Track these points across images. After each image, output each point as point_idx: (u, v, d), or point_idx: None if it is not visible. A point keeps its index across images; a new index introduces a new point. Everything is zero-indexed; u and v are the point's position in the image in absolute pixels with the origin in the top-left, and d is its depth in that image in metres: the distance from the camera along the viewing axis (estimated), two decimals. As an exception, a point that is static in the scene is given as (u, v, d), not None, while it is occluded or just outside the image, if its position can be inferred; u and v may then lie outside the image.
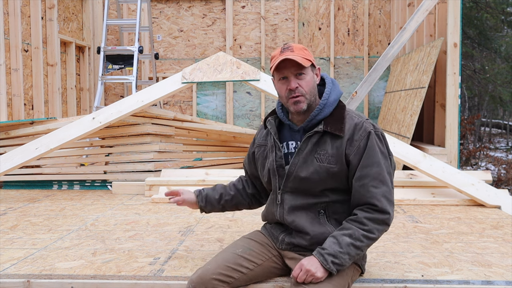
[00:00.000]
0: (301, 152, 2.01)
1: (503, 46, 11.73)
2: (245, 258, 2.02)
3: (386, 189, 1.93)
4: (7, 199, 4.38)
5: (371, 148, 1.95)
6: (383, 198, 1.91)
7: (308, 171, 1.98)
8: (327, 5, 8.09)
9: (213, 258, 2.03)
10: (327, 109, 2.01)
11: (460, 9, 5.22)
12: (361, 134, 1.96)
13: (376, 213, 1.90)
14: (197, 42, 8.26)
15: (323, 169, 1.97)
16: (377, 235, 1.91)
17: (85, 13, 7.89)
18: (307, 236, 1.99)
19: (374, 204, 1.91)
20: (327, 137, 1.99)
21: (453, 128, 5.23)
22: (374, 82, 5.08)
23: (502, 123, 18.17)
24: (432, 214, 3.67)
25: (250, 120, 8.19)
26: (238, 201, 2.38)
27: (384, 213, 1.91)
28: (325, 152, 1.97)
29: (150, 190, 4.42)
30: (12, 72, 5.97)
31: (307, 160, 1.99)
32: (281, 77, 2.00)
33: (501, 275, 2.26)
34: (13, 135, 5.01)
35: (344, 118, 2.00)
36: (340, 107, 2.04)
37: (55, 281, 2.23)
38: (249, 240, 2.14)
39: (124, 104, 4.56)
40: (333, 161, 1.96)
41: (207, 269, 1.94)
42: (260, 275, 2.06)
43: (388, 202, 1.92)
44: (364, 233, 1.88)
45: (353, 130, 1.97)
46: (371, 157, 1.94)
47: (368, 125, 1.99)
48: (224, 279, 1.92)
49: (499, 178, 9.27)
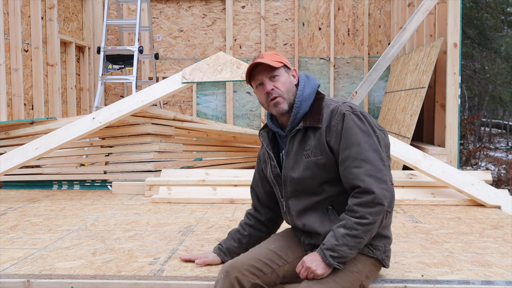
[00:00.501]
0: (290, 154, 2.02)
1: (503, 46, 11.73)
2: (277, 254, 2.03)
3: (370, 167, 1.85)
4: (7, 199, 4.38)
5: (348, 129, 1.91)
6: (366, 176, 1.84)
7: (299, 170, 1.98)
8: (327, 5, 8.09)
9: (246, 252, 2.06)
10: (305, 104, 2.00)
11: (460, 9, 5.22)
12: (337, 118, 1.94)
13: (362, 196, 1.84)
14: (197, 42, 8.26)
15: (312, 163, 1.96)
16: (372, 218, 1.83)
17: (85, 13, 7.89)
18: (320, 236, 1.98)
19: (358, 186, 1.85)
20: (310, 132, 1.98)
21: (453, 128, 5.23)
22: (374, 82, 5.08)
23: (502, 123, 18.17)
24: (432, 214, 3.67)
25: (250, 120, 8.19)
26: (257, 237, 2.28)
27: (368, 193, 1.83)
28: (309, 147, 1.97)
29: (150, 190, 4.42)
30: (12, 72, 5.97)
31: (297, 160, 1.99)
32: (257, 84, 2.02)
33: (501, 275, 2.26)
34: (13, 135, 5.01)
35: (321, 109, 1.99)
36: (318, 99, 2.03)
37: (55, 281, 2.23)
38: (281, 238, 2.15)
39: (124, 104, 4.56)
40: (318, 153, 1.95)
41: (239, 259, 1.97)
42: (289, 273, 2.04)
43: (374, 180, 1.83)
44: (356, 220, 1.83)
45: (330, 117, 1.95)
46: (349, 137, 1.90)
47: (343, 107, 1.96)
48: (254, 272, 1.93)
49: (499, 178, 9.27)
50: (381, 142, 1.95)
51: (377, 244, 2.00)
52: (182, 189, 4.32)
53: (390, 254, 2.10)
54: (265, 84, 1.99)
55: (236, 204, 4.09)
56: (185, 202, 4.16)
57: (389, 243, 2.07)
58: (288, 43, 8.17)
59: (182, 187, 4.33)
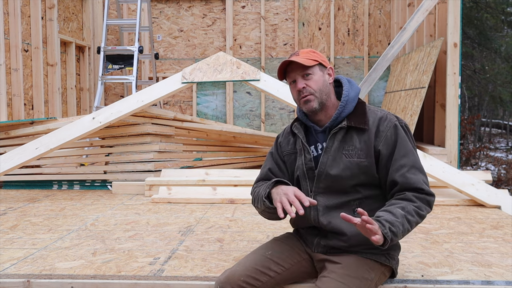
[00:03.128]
0: (329, 150, 2.01)
1: (503, 46, 11.73)
2: (274, 261, 2.01)
3: (424, 177, 1.96)
4: (7, 199, 4.38)
5: (403, 139, 1.98)
6: (424, 183, 1.94)
7: (338, 168, 1.98)
8: (327, 5, 8.09)
9: (242, 259, 2.03)
10: (350, 105, 2.03)
11: (460, 9, 5.22)
12: (387, 125, 1.98)
13: (423, 194, 1.91)
14: (197, 42, 8.26)
15: (354, 164, 1.97)
16: (425, 213, 1.90)
17: (85, 13, 7.89)
18: (344, 236, 1.97)
19: (420, 188, 1.92)
20: (353, 132, 2.00)
21: (453, 128, 5.23)
22: (374, 82, 5.08)
23: (502, 123, 18.17)
24: (432, 214, 3.66)
25: (250, 120, 8.19)
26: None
27: (430, 195, 1.93)
28: (353, 147, 1.98)
29: (150, 190, 4.42)
30: (12, 72, 5.97)
31: (336, 158, 1.99)
32: (291, 81, 2.05)
33: (501, 275, 2.26)
34: (13, 135, 5.01)
35: (366, 112, 2.03)
36: (360, 103, 2.07)
37: (55, 281, 2.23)
38: (280, 243, 2.12)
39: (124, 104, 4.56)
40: (362, 155, 1.97)
41: (235, 270, 1.94)
42: (287, 279, 2.04)
43: (428, 186, 1.95)
44: (415, 208, 1.87)
45: (378, 122, 1.99)
46: (404, 147, 1.97)
47: (392, 117, 2.02)
48: (252, 282, 1.91)
49: (499, 178, 9.27)
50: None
51: (393, 254, 2.04)
52: (182, 189, 4.32)
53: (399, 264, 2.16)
54: (297, 82, 2.02)
55: (236, 204, 4.09)
56: (185, 202, 4.16)
57: (399, 253, 2.13)
58: (288, 43, 8.17)
59: (182, 187, 4.34)
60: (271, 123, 8.18)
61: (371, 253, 1.96)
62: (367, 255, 1.96)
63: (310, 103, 2.00)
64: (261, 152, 5.78)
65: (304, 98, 2.00)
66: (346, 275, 1.87)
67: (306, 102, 2.00)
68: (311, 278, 2.11)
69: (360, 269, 1.90)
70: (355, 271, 1.89)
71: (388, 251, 1.99)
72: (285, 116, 8.16)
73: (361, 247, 1.95)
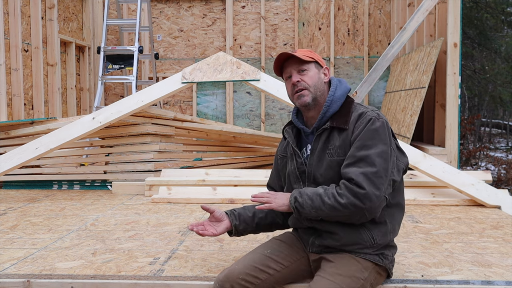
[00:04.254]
0: (314, 151, 2.02)
1: (503, 46, 11.73)
2: (273, 259, 2.01)
3: (371, 169, 1.85)
4: (7, 199, 4.38)
5: (369, 132, 1.92)
6: (362, 175, 1.84)
7: (323, 168, 1.99)
8: (327, 5, 8.09)
9: (241, 258, 2.04)
10: (335, 105, 2.03)
11: (460, 9, 5.22)
12: (362, 121, 1.95)
13: (353, 185, 1.85)
14: (197, 42, 8.26)
15: (334, 163, 1.97)
16: (345, 202, 1.83)
17: (85, 13, 7.89)
18: (336, 235, 1.97)
19: (351, 178, 1.86)
20: (335, 132, 2.00)
21: (453, 128, 5.23)
22: (374, 82, 5.08)
23: (502, 123, 18.16)
24: (432, 214, 3.67)
25: (250, 120, 8.19)
26: (272, 219, 2.21)
27: (361, 188, 1.82)
28: (334, 147, 1.98)
29: (150, 190, 4.42)
30: (12, 72, 5.97)
31: (321, 158, 2.00)
32: (287, 76, 2.07)
33: (501, 275, 2.26)
34: (13, 135, 5.01)
35: (350, 112, 2.01)
36: (347, 102, 2.05)
37: (55, 281, 2.23)
38: (279, 242, 2.13)
39: (124, 104, 4.56)
40: (341, 153, 1.96)
41: (234, 269, 1.95)
42: (287, 277, 2.04)
43: (367, 181, 1.83)
44: (334, 193, 1.86)
45: (357, 119, 1.97)
46: (364, 140, 1.91)
47: (371, 113, 1.97)
48: (251, 280, 1.92)
49: (499, 178, 9.27)
50: (392, 156, 1.94)
51: (387, 254, 2.02)
52: (182, 189, 4.32)
53: (394, 264, 2.13)
54: (292, 76, 2.04)
55: (236, 204, 4.09)
56: (185, 202, 4.16)
57: (395, 253, 2.11)
58: (288, 43, 8.17)
59: (182, 187, 4.34)
60: (271, 123, 8.18)
61: (364, 252, 1.96)
62: (360, 255, 1.95)
63: (304, 98, 2.01)
64: (261, 152, 5.78)
65: (298, 93, 2.02)
66: (338, 274, 1.87)
67: (300, 96, 2.02)
68: (310, 277, 2.11)
69: (352, 268, 1.90)
70: (347, 270, 1.89)
71: (382, 250, 1.99)
72: (285, 116, 8.16)
73: (354, 247, 1.95)
